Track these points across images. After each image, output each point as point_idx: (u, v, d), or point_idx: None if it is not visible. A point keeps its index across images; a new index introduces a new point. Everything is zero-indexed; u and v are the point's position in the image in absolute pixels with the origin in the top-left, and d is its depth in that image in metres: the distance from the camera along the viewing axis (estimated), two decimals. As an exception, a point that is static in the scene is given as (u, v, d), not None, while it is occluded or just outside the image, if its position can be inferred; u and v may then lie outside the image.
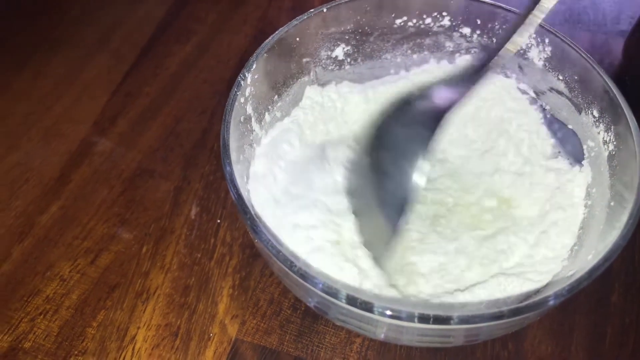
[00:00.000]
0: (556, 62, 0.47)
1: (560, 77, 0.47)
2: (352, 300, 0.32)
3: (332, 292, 0.33)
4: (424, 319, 0.31)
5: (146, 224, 0.53)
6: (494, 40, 0.50)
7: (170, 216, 0.54)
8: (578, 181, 0.45)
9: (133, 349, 0.46)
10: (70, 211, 0.54)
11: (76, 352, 0.46)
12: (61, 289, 0.49)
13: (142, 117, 0.61)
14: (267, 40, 0.45)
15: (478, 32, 0.51)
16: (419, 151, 0.39)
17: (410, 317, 0.32)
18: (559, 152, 0.48)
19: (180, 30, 0.70)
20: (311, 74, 0.51)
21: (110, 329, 0.47)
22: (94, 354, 0.46)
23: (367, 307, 0.32)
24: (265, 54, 0.44)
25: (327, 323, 0.47)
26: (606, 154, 0.42)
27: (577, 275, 0.33)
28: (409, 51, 0.53)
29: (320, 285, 0.33)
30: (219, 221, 0.53)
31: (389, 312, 0.32)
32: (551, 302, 0.32)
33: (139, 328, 0.47)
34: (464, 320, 0.31)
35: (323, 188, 0.46)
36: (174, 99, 0.63)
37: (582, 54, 0.44)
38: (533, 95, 0.51)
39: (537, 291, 0.41)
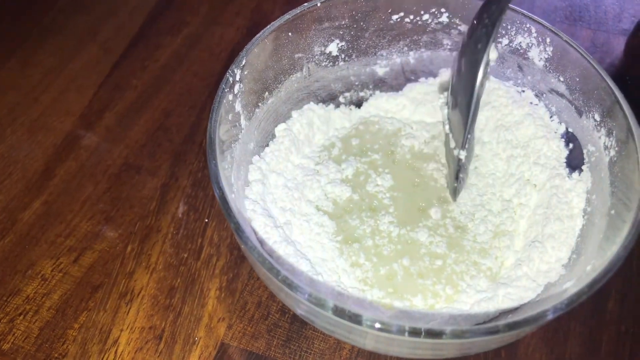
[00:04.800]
0: (557, 63, 0.46)
1: (561, 79, 0.46)
2: (339, 312, 0.31)
3: (318, 302, 0.31)
4: (414, 333, 0.30)
5: (132, 222, 0.52)
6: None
7: (157, 214, 0.52)
8: (578, 190, 0.43)
9: (115, 352, 0.45)
10: (54, 207, 0.52)
11: (56, 355, 0.44)
12: (42, 289, 0.48)
13: (130, 110, 0.60)
14: (257, 35, 0.43)
15: (477, 29, 0.49)
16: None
17: (400, 331, 0.30)
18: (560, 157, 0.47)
19: (171, 21, 0.68)
20: (304, 70, 0.49)
21: (92, 331, 0.46)
22: (75, 357, 0.44)
23: (355, 319, 0.31)
24: (255, 49, 0.43)
25: (316, 328, 0.46)
26: (607, 159, 0.41)
27: (576, 288, 0.32)
28: (405, 48, 0.52)
29: (307, 296, 0.32)
30: (206, 220, 0.52)
31: (378, 325, 0.31)
32: (549, 317, 0.31)
33: (122, 330, 0.46)
34: (456, 335, 0.30)
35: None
36: (163, 92, 0.61)
37: (585, 56, 0.42)
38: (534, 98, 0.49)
39: (532, 302, 0.39)
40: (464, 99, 0.43)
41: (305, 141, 0.50)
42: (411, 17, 0.49)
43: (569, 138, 0.46)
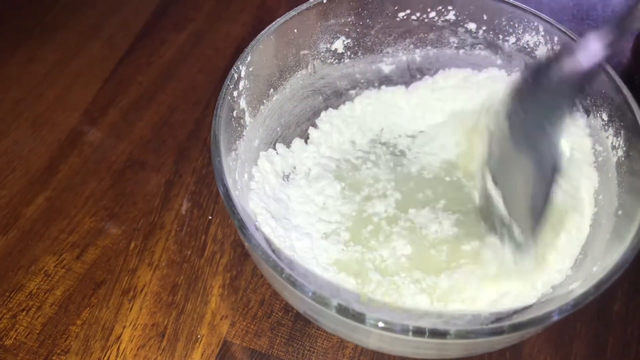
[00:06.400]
0: (565, 62, 0.45)
1: (569, 78, 0.45)
2: (343, 311, 0.31)
3: (322, 301, 0.31)
4: (418, 332, 0.30)
5: (135, 219, 0.51)
6: (502, 36, 0.48)
7: (160, 211, 0.52)
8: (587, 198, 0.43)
9: (118, 349, 0.45)
10: (57, 203, 0.52)
11: (59, 351, 0.44)
12: (45, 285, 0.48)
13: (134, 106, 0.60)
14: (263, 32, 0.43)
15: (484, 27, 0.49)
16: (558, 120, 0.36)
17: (404, 330, 0.30)
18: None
19: (176, 17, 0.68)
20: (309, 67, 0.49)
21: (94, 328, 0.46)
22: (77, 353, 0.44)
23: (359, 318, 0.31)
24: (260, 46, 0.43)
25: (319, 327, 0.45)
26: (615, 159, 0.40)
27: (582, 290, 0.32)
28: (412, 46, 0.51)
29: (310, 294, 0.31)
30: (210, 217, 0.51)
31: (381, 324, 0.30)
32: (555, 318, 0.31)
33: (124, 327, 0.46)
34: (461, 335, 0.30)
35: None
36: (168, 88, 0.61)
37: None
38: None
39: (537, 303, 0.39)
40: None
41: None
42: (417, 14, 0.49)
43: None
